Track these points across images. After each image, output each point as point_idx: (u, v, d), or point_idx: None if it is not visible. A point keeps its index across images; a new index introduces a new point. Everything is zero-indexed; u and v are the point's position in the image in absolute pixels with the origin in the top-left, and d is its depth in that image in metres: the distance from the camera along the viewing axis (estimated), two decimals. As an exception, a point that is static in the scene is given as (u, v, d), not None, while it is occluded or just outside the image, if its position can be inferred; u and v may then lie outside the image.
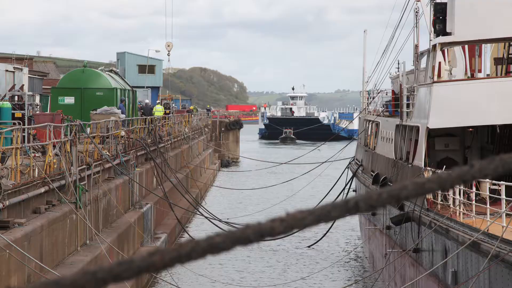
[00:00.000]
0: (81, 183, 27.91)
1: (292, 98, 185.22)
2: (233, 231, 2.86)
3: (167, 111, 73.91)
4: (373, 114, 42.25)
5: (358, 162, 44.80)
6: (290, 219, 2.90)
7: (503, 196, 20.77)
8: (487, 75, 36.03)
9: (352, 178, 44.91)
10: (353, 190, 45.54)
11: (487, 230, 20.55)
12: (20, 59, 70.88)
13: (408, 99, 31.82)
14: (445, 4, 29.08)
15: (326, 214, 2.93)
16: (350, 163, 47.85)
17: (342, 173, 46.55)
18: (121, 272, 2.75)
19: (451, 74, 33.30)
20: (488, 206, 21.49)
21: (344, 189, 44.72)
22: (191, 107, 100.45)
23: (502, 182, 21.24)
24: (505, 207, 20.47)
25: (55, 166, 26.45)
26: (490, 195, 21.98)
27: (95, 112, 41.70)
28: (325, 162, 55.94)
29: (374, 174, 36.24)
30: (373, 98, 43.62)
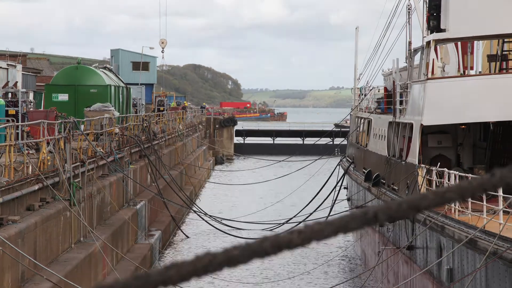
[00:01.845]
0: (75, 180, 27.88)
1: None
2: (251, 243, 2.82)
3: (161, 108, 73.96)
4: (365, 111, 42.21)
5: (349, 159, 44.76)
6: (308, 232, 2.84)
7: (500, 193, 20.76)
8: (479, 72, 36.08)
9: (343, 175, 44.90)
10: (344, 187, 45.54)
11: (484, 227, 20.56)
12: (13, 56, 70.77)
13: (401, 96, 31.82)
14: (439, 0, 29.08)
15: (344, 225, 2.87)
16: (341, 160, 47.86)
17: (334, 170, 46.53)
18: (137, 286, 2.72)
19: (444, 71, 33.34)
20: (484, 203, 21.49)
21: (335, 186, 44.69)
22: (185, 103, 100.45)
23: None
24: (502, 204, 20.49)
25: (49, 163, 26.41)
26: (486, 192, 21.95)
27: (89, 109, 41.68)
28: (318, 159, 56.00)
29: (366, 171, 36.22)
30: (365, 95, 43.57)
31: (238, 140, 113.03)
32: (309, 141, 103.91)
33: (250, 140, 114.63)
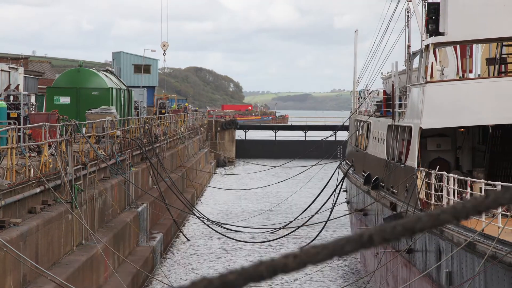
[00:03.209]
0: (77, 183, 28.02)
1: None
2: (246, 268, 2.86)
3: (163, 111, 74.08)
4: (364, 114, 42.27)
5: (349, 163, 44.80)
6: (304, 255, 2.87)
7: None
8: (478, 75, 36.18)
9: (343, 178, 44.93)
10: (344, 190, 45.60)
11: (483, 231, 20.66)
12: (15, 59, 70.96)
13: (400, 99, 31.91)
14: (438, 4, 29.19)
15: (340, 249, 2.90)
16: (340, 163, 47.91)
17: (333, 173, 46.58)
18: None
19: (442, 74, 33.44)
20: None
21: (335, 189, 44.72)
22: (186, 104, 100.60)
23: (498, 182, 21.27)
24: (501, 208, 20.61)
25: (51, 166, 26.57)
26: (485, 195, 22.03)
27: (90, 112, 41.83)
28: (315, 164, 56.14)
29: (365, 175, 36.28)
30: (364, 98, 43.61)
31: (240, 136, 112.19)
32: (312, 136, 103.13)
33: (252, 135, 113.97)
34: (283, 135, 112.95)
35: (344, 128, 61.12)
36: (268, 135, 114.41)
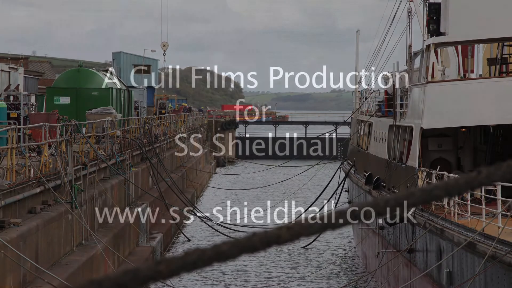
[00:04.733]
0: (77, 183, 27.97)
1: None
2: (240, 239, 2.83)
3: (163, 111, 74.06)
4: (365, 114, 42.25)
5: (350, 163, 44.80)
6: (297, 227, 2.85)
7: (499, 196, 20.81)
8: (480, 75, 36.13)
9: (344, 178, 44.92)
10: (346, 190, 45.59)
11: (483, 231, 20.62)
12: (15, 59, 70.95)
13: (401, 99, 31.88)
14: (439, 4, 29.17)
15: (333, 222, 2.88)
16: (342, 163, 47.91)
17: (335, 173, 46.58)
18: (127, 281, 2.72)
19: (444, 74, 33.39)
20: (483, 206, 21.55)
21: (337, 189, 44.73)
22: (184, 104, 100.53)
23: (498, 182, 21.18)
24: (501, 208, 20.55)
25: (51, 166, 26.51)
26: (485, 195, 22.02)
27: (90, 112, 41.78)
28: (316, 164, 56.14)
29: (367, 175, 36.25)
30: (366, 98, 43.59)
31: (240, 133, 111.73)
32: (312, 132, 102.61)
33: (252, 132, 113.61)
34: (283, 130, 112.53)
35: (346, 123, 61.03)
36: (268, 130, 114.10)
